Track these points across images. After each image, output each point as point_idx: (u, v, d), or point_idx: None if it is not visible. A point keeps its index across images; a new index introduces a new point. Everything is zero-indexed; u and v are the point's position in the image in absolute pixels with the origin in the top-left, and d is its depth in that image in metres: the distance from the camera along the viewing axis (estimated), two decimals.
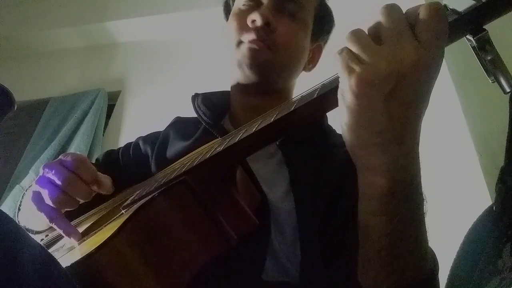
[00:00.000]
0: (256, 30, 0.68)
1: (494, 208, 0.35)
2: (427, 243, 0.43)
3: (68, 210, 0.59)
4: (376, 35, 0.35)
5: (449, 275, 0.39)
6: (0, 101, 0.42)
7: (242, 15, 0.72)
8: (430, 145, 1.31)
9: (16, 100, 0.43)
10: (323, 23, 0.81)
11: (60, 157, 0.60)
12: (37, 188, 0.57)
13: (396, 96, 0.34)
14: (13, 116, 1.99)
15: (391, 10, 0.35)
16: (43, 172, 0.57)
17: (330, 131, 0.74)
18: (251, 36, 0.68)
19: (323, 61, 0.84)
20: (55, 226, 0.54)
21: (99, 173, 0.60)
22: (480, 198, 1.28)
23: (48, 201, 0.55)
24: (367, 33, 0.36)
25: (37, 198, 0.56)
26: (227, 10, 0.84)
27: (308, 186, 0.59)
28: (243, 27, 0.70)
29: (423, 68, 0.33)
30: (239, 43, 0.70)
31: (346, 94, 0.35)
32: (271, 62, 0.69)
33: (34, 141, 1.92)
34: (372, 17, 0.36)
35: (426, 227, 0.42)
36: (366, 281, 0.44)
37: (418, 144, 0.38)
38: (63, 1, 2.33)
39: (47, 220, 0.55)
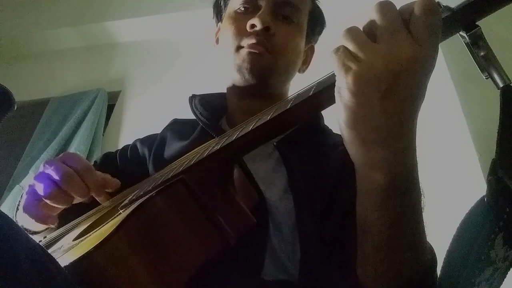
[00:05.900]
0: (256, 34, 0.68)
1: (485, 199, 0.35)
2: (426, 238, 0.43)
3: (66, 209, 0.59)
4: (371, 33, 0.35)
5: (442, 267, 0.39)
6: (0, 101, 0.42)
7: (239, 20, 0.71)
8: (430, 145, 1.31)
9: (16, 100, 0.43)
10: (316, 24, 0.82)
11: (61, 155, 0.60)
12: (34, 182, 0.57)
13: (392, 92, 0.34)
14: (13, 116, 1.99)
15: (385, 7, 0.35)
16: (43, 168, 0.58)
17: (326, 131, 0.74)
18: (250, 40, 0.68)
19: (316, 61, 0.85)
20: (27, 213, 0.56)
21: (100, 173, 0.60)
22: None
23: (41, 194, 0.55)
24: (362, 30, 0.36)
25: (30, 191, 0.57)
26: (218, 10, 0.83)
27: (306, 185, 0.59)
28: (241, 31, 0.70)
29: (418, 64, 0.33)
30: (238, 48, 0.70)
31: (343, 92, 0.35)
32: (271, 66, 0.69)
33: (34, 141, 1.92)
34: (367, 15, 0.36)
35: (424, 222, 0.42)
36: (365, 276, 0.45)
37: (415, 140, 0.38)
38: (63, 1, 2.33)
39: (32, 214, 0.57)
